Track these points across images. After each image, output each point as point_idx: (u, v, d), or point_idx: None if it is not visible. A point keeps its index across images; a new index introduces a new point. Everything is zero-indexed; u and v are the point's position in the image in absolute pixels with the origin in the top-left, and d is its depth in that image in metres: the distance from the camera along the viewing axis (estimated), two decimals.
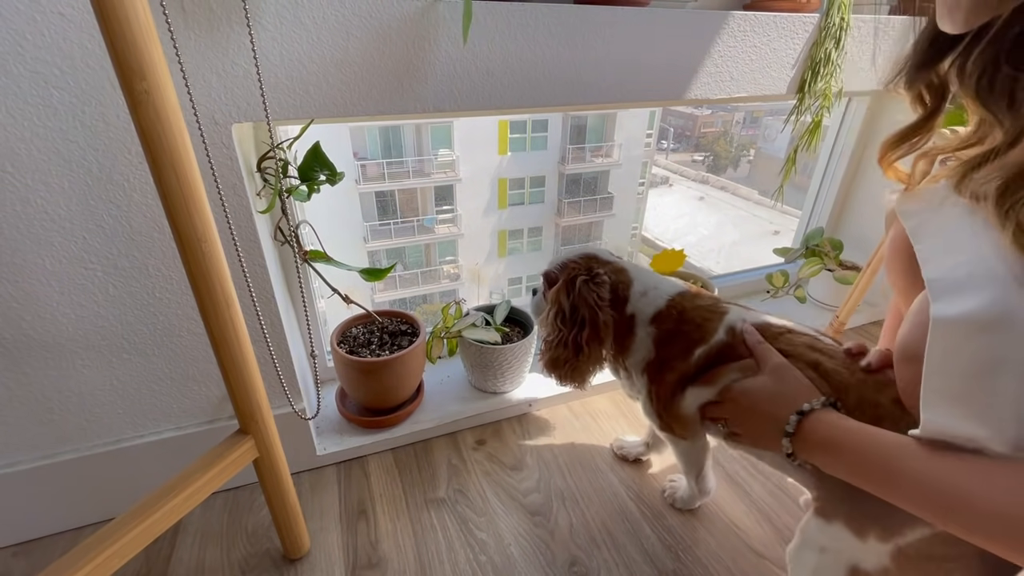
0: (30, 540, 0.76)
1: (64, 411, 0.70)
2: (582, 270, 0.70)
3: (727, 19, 0.81)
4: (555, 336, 0.71)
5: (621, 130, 9.38)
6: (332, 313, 1.09)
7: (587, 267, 0.70)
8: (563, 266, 0.73)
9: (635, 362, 0.71)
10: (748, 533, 0.78)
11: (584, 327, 0.68)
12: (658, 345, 0.68)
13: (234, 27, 0.56)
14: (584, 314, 0.68)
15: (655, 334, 0.68)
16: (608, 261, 0.72)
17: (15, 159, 0.55)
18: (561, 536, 0.78)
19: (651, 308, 0.69)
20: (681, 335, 0.66)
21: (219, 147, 0.62)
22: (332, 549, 0.75)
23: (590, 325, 0.67)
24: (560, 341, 0.70)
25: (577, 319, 0.68)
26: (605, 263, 0.72)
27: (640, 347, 0.69)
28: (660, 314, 0.68)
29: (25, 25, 0.50)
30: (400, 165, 8.27)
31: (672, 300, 0.68)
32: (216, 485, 0.60)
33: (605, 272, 0.70)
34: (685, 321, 0.66)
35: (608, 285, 0.69)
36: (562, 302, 0.70)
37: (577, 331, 0.68)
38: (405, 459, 0.91)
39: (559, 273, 0.72)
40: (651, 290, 0.70)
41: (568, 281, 0.70)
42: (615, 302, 0.69)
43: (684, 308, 0.67)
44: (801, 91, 0.93)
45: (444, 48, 0.66)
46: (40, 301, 0.63)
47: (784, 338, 0.60)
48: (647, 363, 0.69)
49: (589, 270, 0.70)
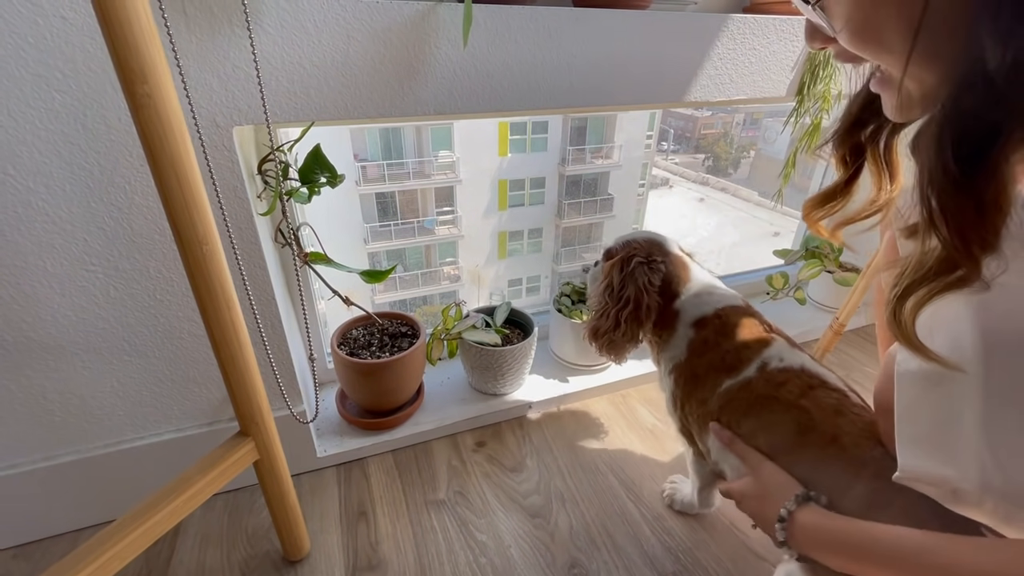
0: (30, 542, 0.76)
1: (65, 413, 0.70)
2: (641, 252, 0.71)
3: (727, 22, 0.82)
4: (600, 308, 0.73)
5: (621, 132, 9.38)
6: (332, 315, 1.09)
7: (648, 251, 0.71)
8: (625, 244, 0.74)
9: (667, 358, 0.71)
10: (748, 535, 0.78)
11: (627, 305, 0.69)
12: (691, 351, 0.68)
13: (235, 30, 0.56)
14: (630, 292, 0.69)
15: (692, 338, 0.68)
16: (671, 252, 0.73)
17: (17, 161, 0.55)
18: (561, 538, 0.78)
19: (697, 311, 0.68)
20: (715, 350, 0.65)
21: (220, 150, 0.62)
22: (332, 551, 0.75)
23: (633, 304, 0.69)
24: (604, 313, 0.72)
25: (623, 296, 0.70)
26: (667, 253, 0.73)
27: (676, 345, 0.69)
28: (704, 319, 0.68)
29: (27, 28, 0.50)
30: (400, 167, 8.27)
31: (720, 311, 0.68)
32: (216, 487, 0.60)
33: (664, 261, 0.71)
34: (724, 336, 0.65)
35: (662, 274, 0.70)
36: (613, 277, 0.72)
37: (620, 307, 0.70)
38: (405, 461, 0.91)
39: (620, 250, 0.74)
40: (705, 294, 0.70)
41: (624, 259, 0.72)
42: (664, 292, 0.70)
43: (728, 323, 0.66)
44: (800, 93, 0.93)
45: (444, 51, 0.66)
46: (41, 303, 0.63)
47: (813, 395, 0.57)
48: (676, 364, 0.69)
49: (649, 254, 0.71)
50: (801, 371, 0.60)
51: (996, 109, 0.30)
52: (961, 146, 0.31)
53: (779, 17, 0.86)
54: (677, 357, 0.69)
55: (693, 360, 0.67)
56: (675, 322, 0.70)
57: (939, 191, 0.33)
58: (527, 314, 1.04)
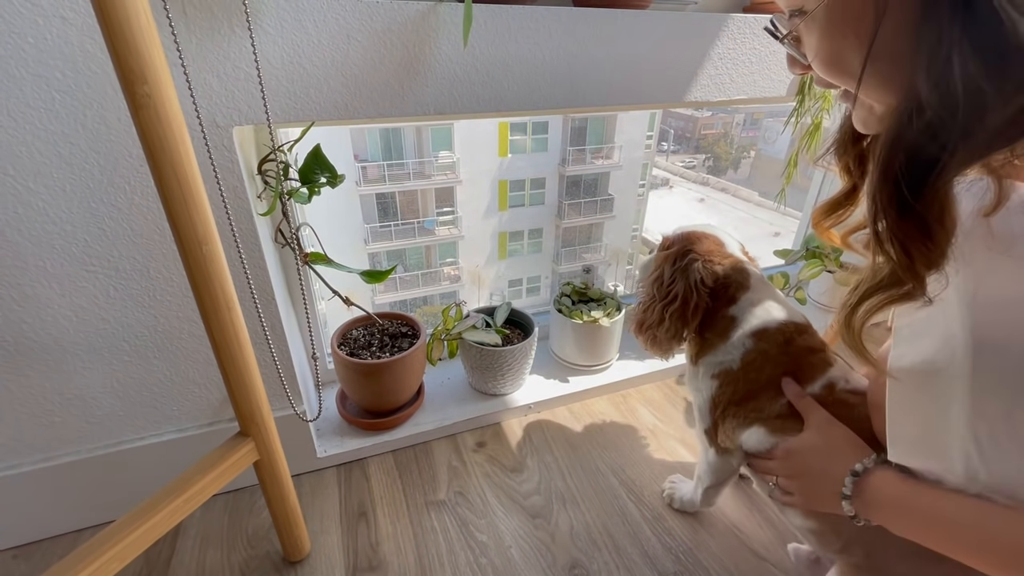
0: (30, 543, 0.75)
1: (65, 413, 0.70)
2: (699, 248, 0.68)
3: (727, 21, 0.82)
4: (647, 300, 0.70)
5: (621, 132, 9.39)
6: (332, 315, 1.09)
7: (706, 248, 0.68)
8: (683, 237, 0.71)
9: (712, 363, 0.67)
10: (749, 535, 0.78)
11: (674, 301, 0.66)
12: (747, 362, 0.64)
13: (235, 30, 0.56)
14: (679, 289, 0.66)
15: (750, 349, 0.64)
16: (731, 256, 0.69)
17: (16, 161, 0.55)
18: (562, 538, 0.78)
19: (759, 321, 0.65)
20: (777, 366, 0.62)
21: (220, 150, 0.62)
22: (332, 551, 0.75)
23: (681, 302, 0.66)
24: (649, 306, 0.69)
25: (671, 291, 0.67)
26: (726, 256, 0.69)
27: (727, 352, 0.66)
28: (766, 332, 0.64)
29: (27, 28, 0.50)
30: (400, 167, 8.28)
31: (785, 325, 0.64)
32: (216, 487, 0.60)
33: (720, 262, 0.67)
34: (788, 354, 0.62)
35: (716, 275, 0.66)
36: (664, 270, 0.69)
37: (667, 302, 0.67)
38: (405, 461, 0.91)
39: (676, 242, 0.71)
40: (767, 305, 0.66)
41: (679, 253, 0.69)
42: (717, 295, 0.67)
43: (794, 340, 0.63)
44: (801, 93, 0.93)
45: (444, 51, 0.66)
46: (41, 304, 0.63)
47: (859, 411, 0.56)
48: (724, 371, 0.66)
49: (707, 252, 0.68)
50: (857, 390, 0.59)
51: (934, 141, 0.31)
52: (902, 173, 0.33)
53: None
54: (726, 364, 0.65)
55: (749, 371, 0.64)
56: (728, 328, 0.66)
57: (885, 214, 0.35)
58: (527, 314, 1.04)
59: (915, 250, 0.35)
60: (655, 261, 0.72)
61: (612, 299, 1.08)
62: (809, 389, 0.60)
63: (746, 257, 0.71)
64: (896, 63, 0.34)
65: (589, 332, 1.03)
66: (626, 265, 10.78)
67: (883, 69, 0.35)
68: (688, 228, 0.72)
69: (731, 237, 0.72)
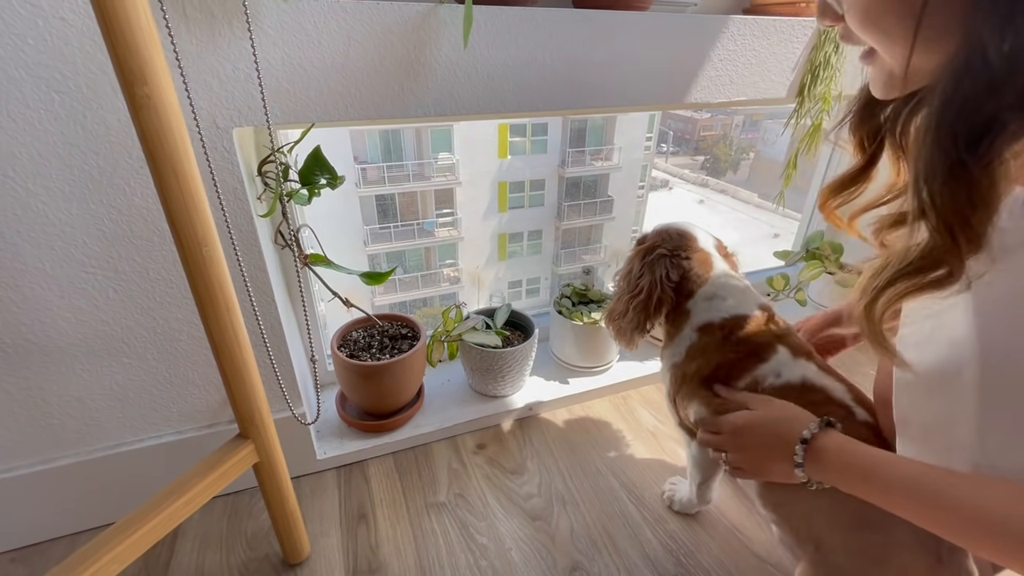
0: (28, 545, 0.75)
1: (63, 415, 0.70)
2: (668, 244, 0.70)
3: (727, 23, 0.82)
4: (617, 292, 0.74)
5: (621, 133, 9.39)
6: (332, 317, 1.09)
7: (675, 244, 0.70)
8: (657, 233, 0.73)
9: (668, 355, 0.70)
10: (750, 537, 0.78)
11: (639, 294, 0.69)
12: (688, 355, 0.67)
13: (235, 32, 0.56)
14: (644, 283, 0.69)
15: (694, 343, 0.66)
16: (700, 249, 0.71)
17: (16, 163, 0.55)
18: (562, 540, 0.77)
19: (705, 316, 0.66)
20: (709, 359, 0.64)
21: (220, 151, 0.62)
22: (332, 554, 0.75)
23: (645, 295, 0.68)
24: (618, 298, 0.72)
25: (638, 284, 0.69)
26: (697, 250, 0.70)
27: (678, 344, 0.68)
28: (709, 326, 0.66)
29: (27, 29, 0.50)
30: (400, 168, 8.28)
31: (727, 319, 0.65)
32: (216, 490, 0.60)
33: (688, 256, 0.69)
34: (722, 346, 0.64)
35: (682, 269, 0.68)
36: (634, 264, 0.71)
37: (633, 295, 0.69)
38: (405, 463, 0.90)
39: (650, 238, 0.73)
40: (718, 299, 0.66)
41: (648, 248, 0.71)
42: (680, 289, 0.69)
43: (731, 333, 0.64)
44: (801, 95, 0.93)
45: (445, 52, 0.66)
46: (40, 305, 0.62)
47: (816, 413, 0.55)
48: (674, 364, 0.69)
49: (675, 247, 0.70)
50: (802, 387, 0.59)
51: (994, 98, 0.30)
52: (959, 135, 0.31)
53: (779, 18, 0.86)
54: (676, 356, 0.68)
55: (688, 364, 0.67)
56: (682, 322, 0.68)
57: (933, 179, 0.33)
58: (527, 316, 1.04)
59: (958, 223, 0.33)
60: (627, 257, 0.75)
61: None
62: (739, 383, 0.62)
63: (721, 253, 0.73)
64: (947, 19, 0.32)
65: (589, 333, 1.03)
66: None
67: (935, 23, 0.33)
68: (665, 225, 0.74)
69: (705, 232, 0.74)
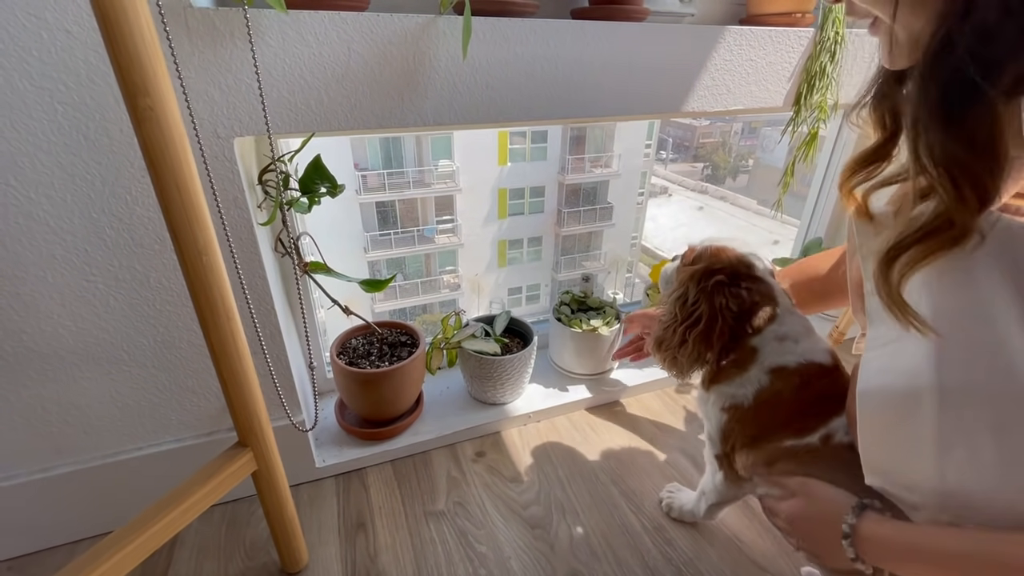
0: (25, 554, 0.75)
1: (63, 423, 0.70)
2: (727, 270, 0.63)
3: (723, 33, 0.83)
4: (668, 318, 0.66)
5: (620, 141, 9.44)
6: (332, 324, 1.09)
7: (734, 270, 0.63)
8: (710, 253, 0.67)
9: (725, 393, 0.64)
10: (750, 546, 0.77)
11: (697, 324, 0.62)
12: (759, 399, 0.61)
13: (237, 43, 0.57)
14: (703, 311, 0.62)
15: (765, 386, 0.61)
16: (762, 280, 0.64)
17: (19, 173, 0.56)
18: (561, 549, 0.77)
19: (779, 357, 0.60)
20: (785, 408, 0.60)
21: (221, 160, 0.62)
22: (331, 562, 0.75)
23: (705, 325, 0.62)
24: (671, 326, 0.65)
25: (695, 313, 0.63)
26: (756, 280, 0.64)
27: (741, 384, 0.62)
28: (785, 370, 0.60)
29: (32, 42, 0.51)
30: (400, 176, 8.31)
31: (804, 365, 0.60)
32: (214, 498, 0.60)
33: (748, 288, 0.63)
34: (798, 396, 0.59)
35: (743, 301, 0.62)
36: (689, 288, 0.65)
37: (690, 324, 0.63)
38: (404, 471, 0.90)
39: (703, 258, 0.67)
40: (791, 341, 0.61)
41: (705, 271, 0.64)
42: (741, 321, 0.62)
43: (807, 382, 0.59)
44: (797, 103, 0.94)
45: (444, 62, 0.67)
46: (41, 313, 0.63)
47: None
48: (736, 406, 0.63)
49: (735, 274, 0.63)
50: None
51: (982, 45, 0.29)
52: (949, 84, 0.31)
53: (775, 29, 0.86)
54: (739, 398, 0.63)
55: (760, 410, 0.61)
56: (748, 360, 0.62)
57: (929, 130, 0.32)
58: (527, 323, 1.05)
59: (960, 172, 0.32)
60: (678, 277, 0.68)
61: (611, 308, 1.08)
62: (808, 439, 0.58)
63: (775, 280, 0.67)
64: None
65: (588, 341, 1.03)
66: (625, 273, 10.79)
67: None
68: (716, 242, 0.68)
69: (759, 259, 0.67)
